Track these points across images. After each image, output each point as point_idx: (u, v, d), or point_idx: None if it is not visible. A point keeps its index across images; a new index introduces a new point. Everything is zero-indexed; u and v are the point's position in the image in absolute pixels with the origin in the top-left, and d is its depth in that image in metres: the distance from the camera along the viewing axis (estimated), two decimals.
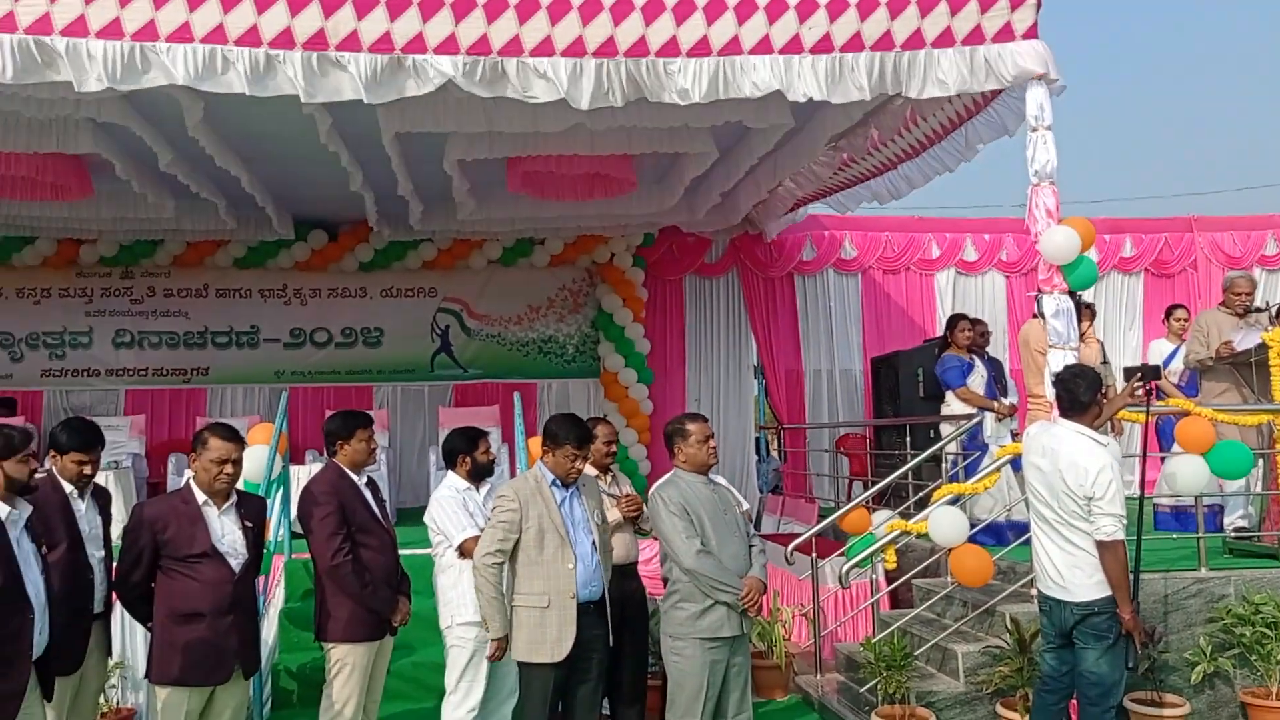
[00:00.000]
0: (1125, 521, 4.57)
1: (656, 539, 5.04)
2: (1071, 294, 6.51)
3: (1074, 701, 4.88)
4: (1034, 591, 5.01)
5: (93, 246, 11.62)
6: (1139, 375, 5.57)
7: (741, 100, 6.58)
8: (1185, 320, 8.80)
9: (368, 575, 4.74)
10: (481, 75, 5.97)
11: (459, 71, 5.93)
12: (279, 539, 7.16)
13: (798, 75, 6.27)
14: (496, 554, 4.58)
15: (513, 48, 6.00)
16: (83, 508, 4.49)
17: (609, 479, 5.60)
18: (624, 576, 5.14)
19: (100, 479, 4.74)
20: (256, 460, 6.51)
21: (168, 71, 5.65)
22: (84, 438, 4.50)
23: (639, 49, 6.12)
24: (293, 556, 7.19)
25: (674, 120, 7.58)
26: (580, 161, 8.59)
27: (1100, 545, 4.54)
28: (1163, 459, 6.95)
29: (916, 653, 6.01)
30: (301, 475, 6.34)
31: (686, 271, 12.89)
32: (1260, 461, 6.61)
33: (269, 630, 6.58)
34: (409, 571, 5.15)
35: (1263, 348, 6.68)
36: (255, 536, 4.55)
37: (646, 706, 5.51)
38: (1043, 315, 6.55)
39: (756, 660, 6.65)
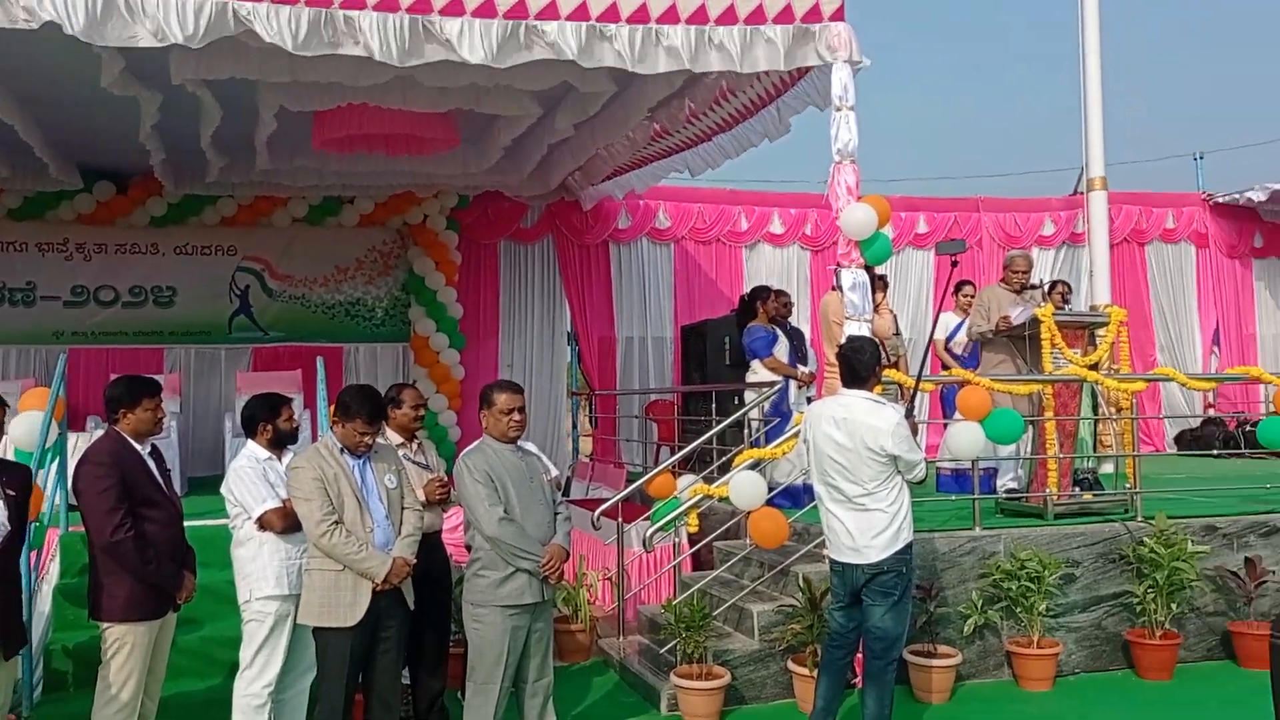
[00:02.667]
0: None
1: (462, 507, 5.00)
2: (868, 268, 6.81)
3: (858, 655, 5.15)
4: (826, 552, 5.24)
5: None
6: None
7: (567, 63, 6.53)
8: (971, 295, 9.35)
9: (150, 551, 4.49)
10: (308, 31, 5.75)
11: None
12: (54, 511, 6.74)
13: (611, 42, 6.28)
14: (327, 520, 4.46)
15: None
16: None
17: (415, 446, 5.52)
18: (427, 546, 5.07)
19: None
20: (29, 427, 6.07)
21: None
22: None
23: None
24: (70, 530, 6.77)
25: (496, 80, 7.46)
26: (395, 118, 8.34)
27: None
28: (945, 425, 7.39)
29: (715, 613, 6.19)
30: (81, 443, 5.93)
31: (501, 236, 12.77)
32: (1030, 428, 7.10)
33: (43, 607, 6.19)
34: (199, 544, 4.94)
35: (1036, 322, 7.16)
36: (17, 507, 4.25)
37: (449, 675, 5.49)
38: (841, 288, 6.81)
39: (561, 625, 6.73)
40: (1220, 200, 14.95)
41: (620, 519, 7.23)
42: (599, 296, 13.05)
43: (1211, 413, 14.20)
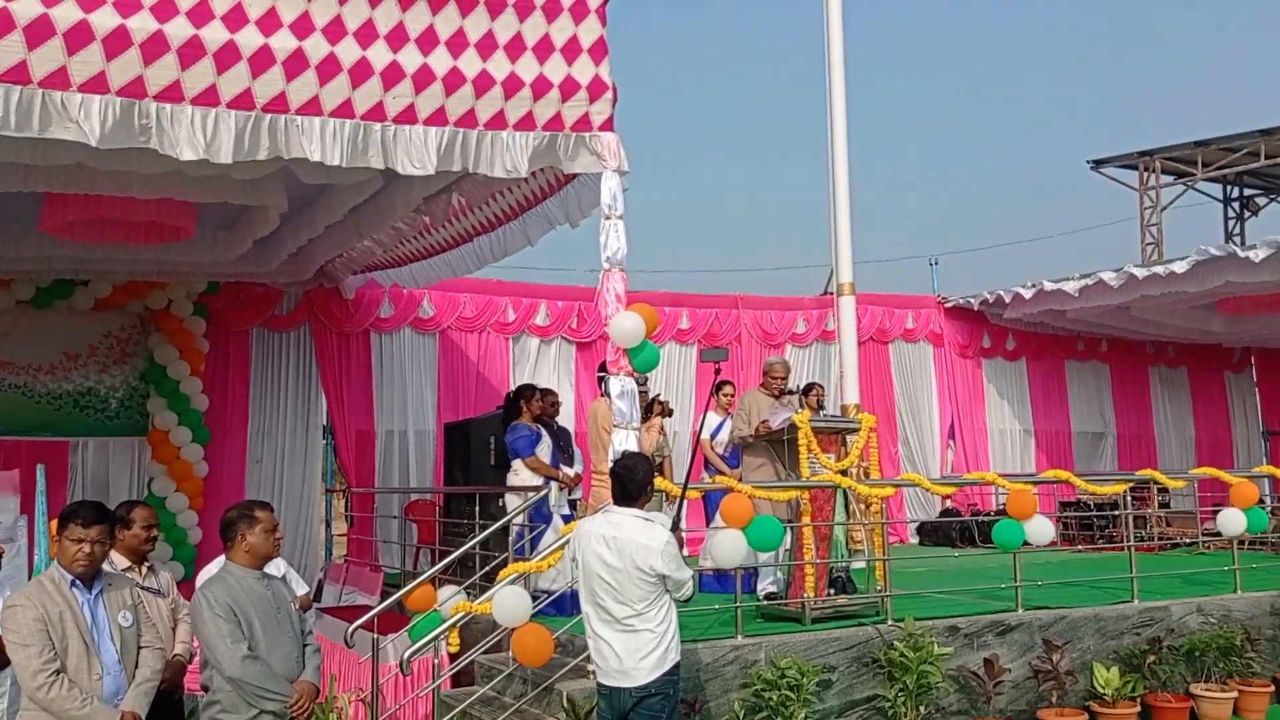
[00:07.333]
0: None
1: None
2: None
3: None
4: (591, 668, 5.11)
5: None
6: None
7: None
8: (731, 395, 9.60)
9: None
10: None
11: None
12: None
13: (376, 143, 6.12)
14: (45, 670, 3.97)
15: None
16: None
17: (145, 570, 5.04)
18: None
19: None
20: None
21: None
22: None
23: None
24: None
25: (248, 172, 7.10)
26: (132, 205, 7.78)
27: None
28: (707, 529, 7.47)
29: None
30: None
31: (254, 323, 12.11)
32: (789, 533, 7.27)
33: None
34: None
35: (793, 427, 7.41)
36: None
37: None
38: (609, 395, 6.81)
39: None
40: (953, 303, 16.18)
41: (376, 633, 6.85)
42: (358, 387, 12.55)
43: (948, 504, 15.17)
